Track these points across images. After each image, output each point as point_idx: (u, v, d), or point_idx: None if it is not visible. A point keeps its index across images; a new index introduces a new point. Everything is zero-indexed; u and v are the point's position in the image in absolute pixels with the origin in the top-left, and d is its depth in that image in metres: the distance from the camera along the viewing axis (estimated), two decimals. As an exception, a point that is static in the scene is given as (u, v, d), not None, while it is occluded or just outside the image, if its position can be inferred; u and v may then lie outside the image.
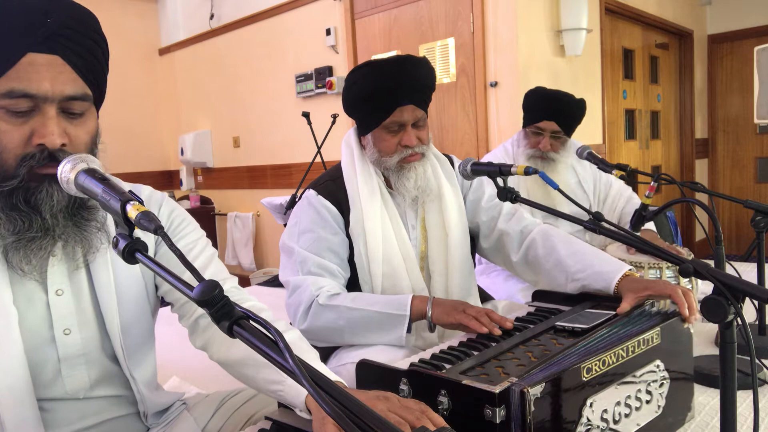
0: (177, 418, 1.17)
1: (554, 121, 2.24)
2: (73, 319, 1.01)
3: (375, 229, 1.53)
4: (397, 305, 1.42)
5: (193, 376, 1.69)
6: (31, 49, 0.87)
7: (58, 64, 0.89)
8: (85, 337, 1.02)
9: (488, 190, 1.67)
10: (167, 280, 0.67)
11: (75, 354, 1.01)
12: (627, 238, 1.14)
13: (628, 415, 0.96)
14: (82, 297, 1.02)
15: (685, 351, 1.13)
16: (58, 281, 1.00)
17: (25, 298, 0.97)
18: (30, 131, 0.89)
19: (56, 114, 0.90)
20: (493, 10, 3.44)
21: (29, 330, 0.96)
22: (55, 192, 0.91)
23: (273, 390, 0.98)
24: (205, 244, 1.18)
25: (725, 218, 5.82)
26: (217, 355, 1.09)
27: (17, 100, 0.87)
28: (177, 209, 1.16)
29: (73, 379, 1.02)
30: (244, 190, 5.32)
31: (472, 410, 0.84)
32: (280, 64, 4.74)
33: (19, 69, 0.87)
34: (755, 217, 1.40)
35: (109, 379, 1.07)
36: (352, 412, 0.55)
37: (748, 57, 5.20)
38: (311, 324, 1.46)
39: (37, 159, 0.89)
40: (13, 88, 0.86)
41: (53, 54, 0.89)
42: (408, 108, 1.52)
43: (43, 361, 0.98)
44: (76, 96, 0.91)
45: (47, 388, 1.00)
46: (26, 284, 0.97)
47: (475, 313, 1.28)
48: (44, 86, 0.88)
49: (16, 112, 0.87)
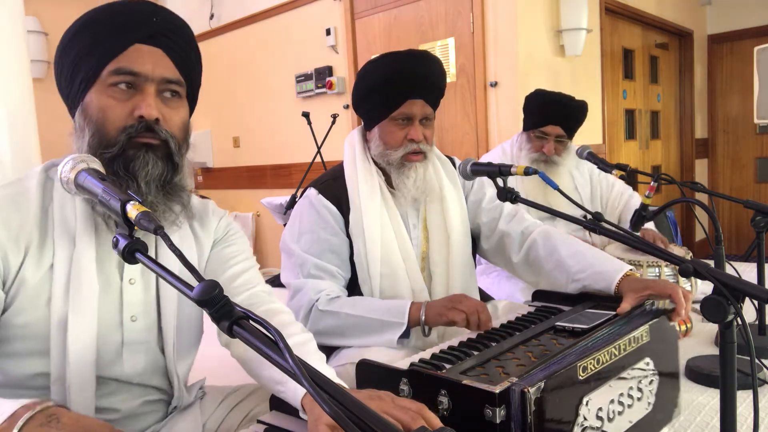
0: (188, 409, 1.19)
1: (559, 126, 2.24)
2: (140, 307, 1.08)
3: (374, 229, 1.53)
4: (395, 313, 1.42)
5: (202, 374, 1.70)
6: (138, 41, 1.01)
7: (159, 54, 1.02)
8: (147, 325, 1.09)
9: (489, 192, 1.68)
10: (167, 280, 0.68)
11: (137, 341, 1.08)
12: (627, 238, 1.14)
13: (621, 412, 0.96)
14: (150, 289, 1.10)
15: (672, 348, 1.15)
16: (133, 270, 1.08)
17: (105, 283, 1.04)
18: (132, 107, 1.00)
19: (155, 93, 1.02)
20: (493, 10, 3.44)
21: (103, 311, 1.03)
22: (150, 159, 1.01)
23: (277, 390, 1.00)
24: (249, 255, 1.26)
25: (725, 218, 5.82)
26: (236, 353, 1.12)
27: (123, 77, 0.99)
28: (233, 224, 1.28)
29: (131, 363, 1.08)
30: (244, 190, 5.32)
31: (472, 410, 0.84)
32: (280, 64, 4.74)
33: (128, 54, 1.00)
34: (755, 217, 1.40)
35: (158, 370, 1.12)
36: (352, 412, 0.55)
37: (748, 57, 5.20)
38: (311, 328, 1.47)
39: (136, 129, 0.99)
40: (122, 66, 0.99)
41: (157, 48, 1.02)
42: (418, 102, 1.53)
43: (108, 342, 1.05)
44: (172, 79, 1.04)
45: (107, 368, 1.05)
46: (107, 270, 1.05)
47: (466, 308, 1.29)
48: (147, 67, 1.00)
49: (122, 90, 1.00)
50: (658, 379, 1.06)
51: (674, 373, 1.14)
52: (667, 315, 1.14)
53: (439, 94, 1.59)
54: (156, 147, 1.01)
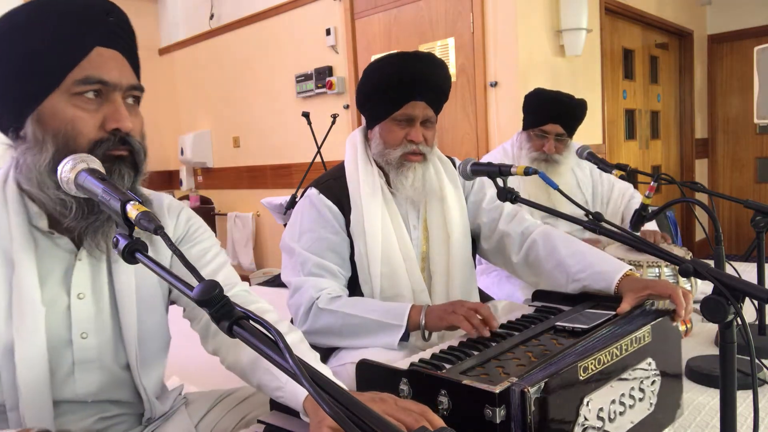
0: (174, 414, 1.18)
1: (559, 124, 2.24)
2: (91, 323, 1.02)
3: (375, 228, 1.53)
4: (394, 315, 1.42)
5: (192, 375, 1.69)
6: (98, 43, 0.96)
7: (119, 58, 0.98)
8: (100, 341, 1.03)
9: (490, 192, 1.68)
10: (167, 281, 0.67)
11: (90, 358, 1.03)
12: (627, 238, 1.14)
13: (622, 413, 0.96)
14: (102, 302, 1.04)
15: (675, 349, 1.14)
16: (82, 285, 1.02)
17: (50, 300, 0.99)
18: (102, 118, 0.95)
19: (122, 102, 0.98)
20: (493, 10, 3.44)
21: (50, 330, 0.98)
22: (125, 173, 0.97)
23: (276, 395, 0.98)
24: (219, 251, 1.20)
25: (725, 218, 5.82)
26: (227, 360, 1.09)
27: (91, 86, 0.94)
28: (194, 217, 1.20)
29: (84, 383, 1.03)
30: (244, 190, 5.32)
31: (472, 410, 0.84)
32: (280, 64, 4.74)
33: (91, 59, 0.95)
34: (755, 217, 1.40)
35: (119, 385, 1.08)
36: (353, 412, 0.54)
37: (748, 57, 5.20)
38: (311, 326, 1.47)
39: (112, 142, 0.95)
40: (90, 74, 0.94)
41: (114, 49, 0.98)
42: (420, 104, 1.53)
43: (58, 362, 1.00)
44: (136, 86, 1.01)
45: (58, 389, 1.00)
46: (52, 286, 0.99)
47: (465, 311, 1.29)
48: (114, 75, 0.96)
49: (89, 99, 0.95)
50: (660, 379, 1.06)
51: (677, 373, 1.13)
52: (669, 315, 1.14)
53: (443, 97, 1.59)
54: (125, 158, 0.97)
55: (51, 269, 1.00)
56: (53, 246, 1.00)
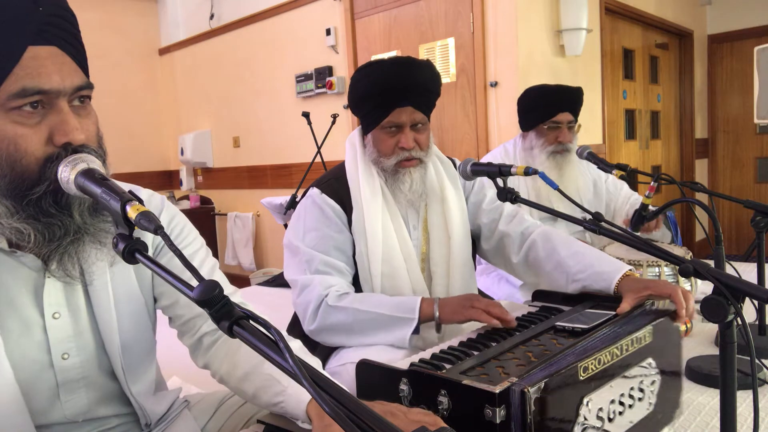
0: (178, 417, 1.17)
1: (569, 112, 2.26)
2: (72, 342, 0.97)
3: (375, 228, 1.53)
4: (405, 308, 1.42)
5: (193, 376, 1.69)
6: (30, 42, 0.83)
7: (58, 56, 0.85)
8: (84, 360, 0.99)
9: (490, 193, 1.68)
10: (167, 281, 0.67)
11: (74, 378, 0.98)
12: (627, 239, 1.14)
13: (621, 413, 0.96)
14: (80, 319, 0.98)
15: (675, 348, 1.14)
16: (55, 303, 0.95)
17: (21, 323, 0.92)
18: (48, 131, 0.84)
19: (69, 109, 0.86)
20: (493, 10, 3.44)
21: (23, 356, 0.92)
22: None
23: (275, 403, 0.97)
24: (206, 253, 1.15)
25: (725, 218, 5.82)
26: (221, 371, 1.08)
27: (30, 98, 0.82)
28: (178, 215, 1.13)
29: (72, 403, 0.99)
30: (244, 190, 5.32)
31: (472, 410, 0.84)
32: (280, 64, 4.74)
33: (24, 65, 0.82)
34: (755, 217, 1.40)
35: (109, 399, 1.05)
36: (353, 412, 0.54)
37: (748, 57, 5.20)
38: (321, 324, 1.46)
39: (64, 157, 0.84)
40: (26, 86, 0.82)
41: (51, 45, 0.85)
42: (406, 110, 1.51)
43: (39, 388, 0.94)
44: (83, 86, 0.88)
45: (44, 414, 0.96)
46: (22, 308, 0.93)
47: (484, 306, 1.29)
48: (55, 80, 0.84)
49: (29, 112, 0.83)
50: (660, 379, 1.06)
51: (677, 373, 1.13)
52: (670, 316, 1.14)
53: (431, 96, 1.56)
54: None
55: (18, 290, 0.92)
56: (18, 265, 0.92)
